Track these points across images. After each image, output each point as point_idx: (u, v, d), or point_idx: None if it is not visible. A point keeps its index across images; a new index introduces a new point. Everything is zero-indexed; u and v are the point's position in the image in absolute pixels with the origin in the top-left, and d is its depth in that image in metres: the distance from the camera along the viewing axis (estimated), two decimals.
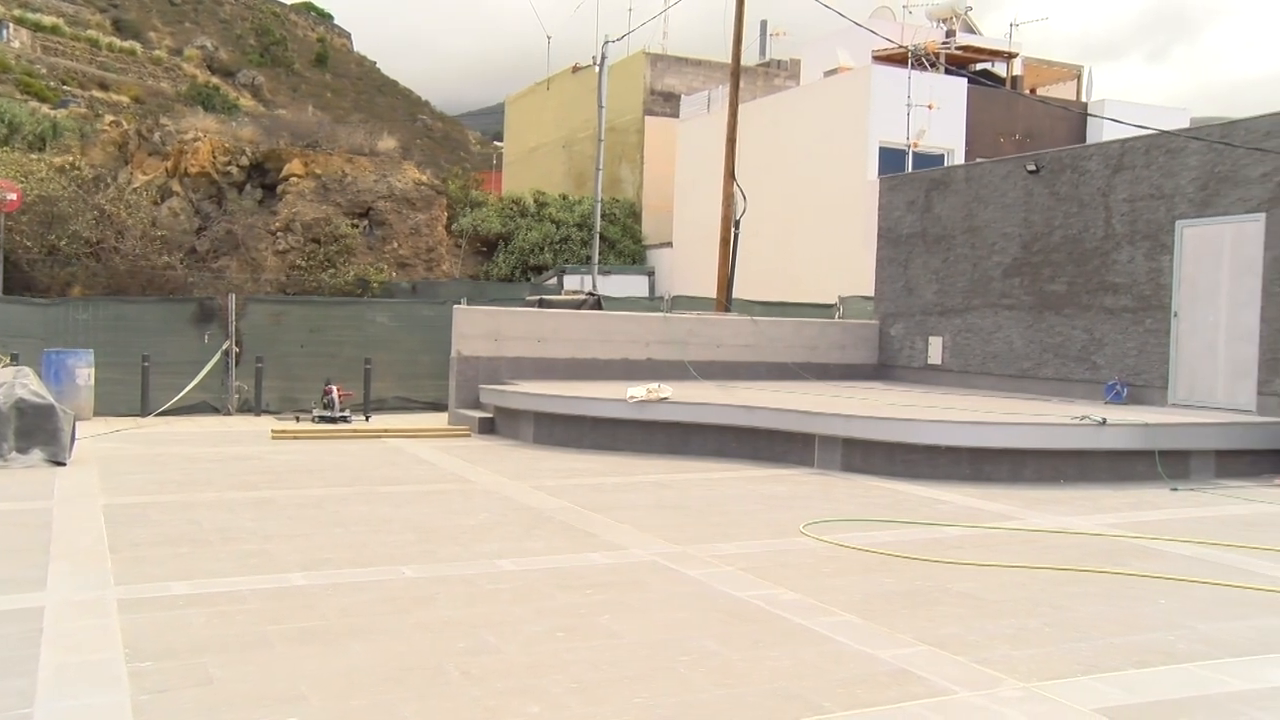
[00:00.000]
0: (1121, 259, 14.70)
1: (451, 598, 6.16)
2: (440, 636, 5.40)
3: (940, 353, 17.67)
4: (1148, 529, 8.83)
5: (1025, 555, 7.71)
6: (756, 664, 5.10)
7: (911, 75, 24.54)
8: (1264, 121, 13.16)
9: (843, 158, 25.19)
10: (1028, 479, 11.27)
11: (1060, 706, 4.61)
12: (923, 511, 9.37)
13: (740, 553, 7.50)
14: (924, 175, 18.99)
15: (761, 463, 12.29)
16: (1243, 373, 13.13)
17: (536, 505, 9.29)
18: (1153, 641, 5.61)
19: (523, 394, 14.14)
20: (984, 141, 25.38)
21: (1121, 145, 14.99)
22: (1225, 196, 13.41)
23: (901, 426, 11.59)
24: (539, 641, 5.36)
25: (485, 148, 74.41)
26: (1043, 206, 15.96)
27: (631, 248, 35.20)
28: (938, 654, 5.28)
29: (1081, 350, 15.26)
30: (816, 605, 6.14)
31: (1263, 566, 7.52)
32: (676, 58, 37.64)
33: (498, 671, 4.90)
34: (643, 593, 6.40)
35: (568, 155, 40.03)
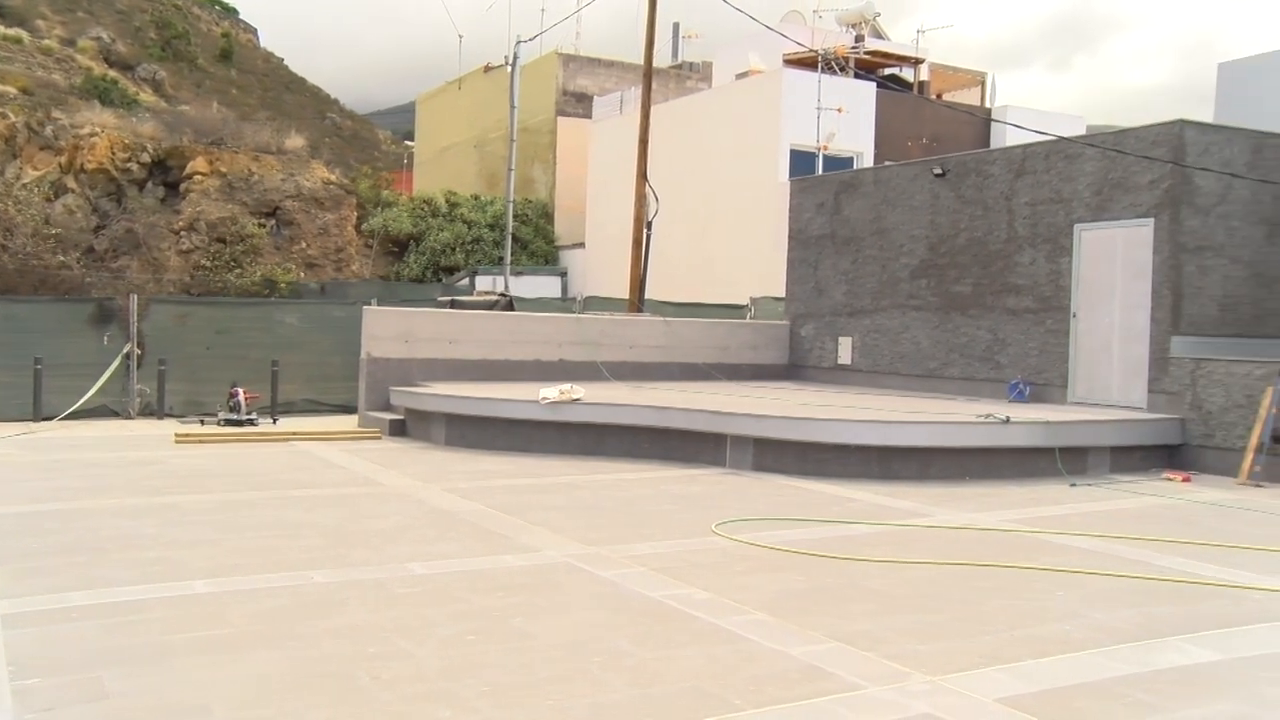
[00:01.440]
0: (1024, 261, 15.11)
1: (363, 602, 6.07)
2: (351, 642, 5.32)
3: (850, 353, 17.96)
4: (1048, 524, 9.09)
5: (933, 551, 7.87)
6: (669, 663, 5.12)
7: (821, 79, 24.88)
8: (1152, 130, 13.64)
9: (754, 160, 25.44)
10: (935, 476, 11.51)
11: (964, 698, 4.72)
12: (833, 510, 9.52)
13: (653, 553, 7.53)
14: (834, 178, 19.28)
15: (674, 463, 12.35)
16: (1135, 371, 13.58)
17: (449, 508, 9.21)
18: (1051, 632, 5.78)
19: (434, 395, 14.00)
20: (892, 145, 25.85)
21: (1023, 150, 15.40)
22: (1118, 201, 13.87)
23: (812, 426, 11.75)
24: (451, 645, 5.32)
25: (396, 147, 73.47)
26: (949, 209, 16.32)
27: (544, 248, 35.09)
28: (847, 650, 5.36)
29: (986, 350, 15.64)
30: (729, 604, 6.19)
31: (1152, 557, 7.80)
32: (589, 58, 37.64)
33: (409, 676, 4.85)
34: (556, 594, 6.39)
35: (480, 155, 39.76)
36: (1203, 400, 12.73)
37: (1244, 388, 12.32)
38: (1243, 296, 13.78)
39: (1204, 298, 13.44)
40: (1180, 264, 13.23)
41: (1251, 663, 5.39)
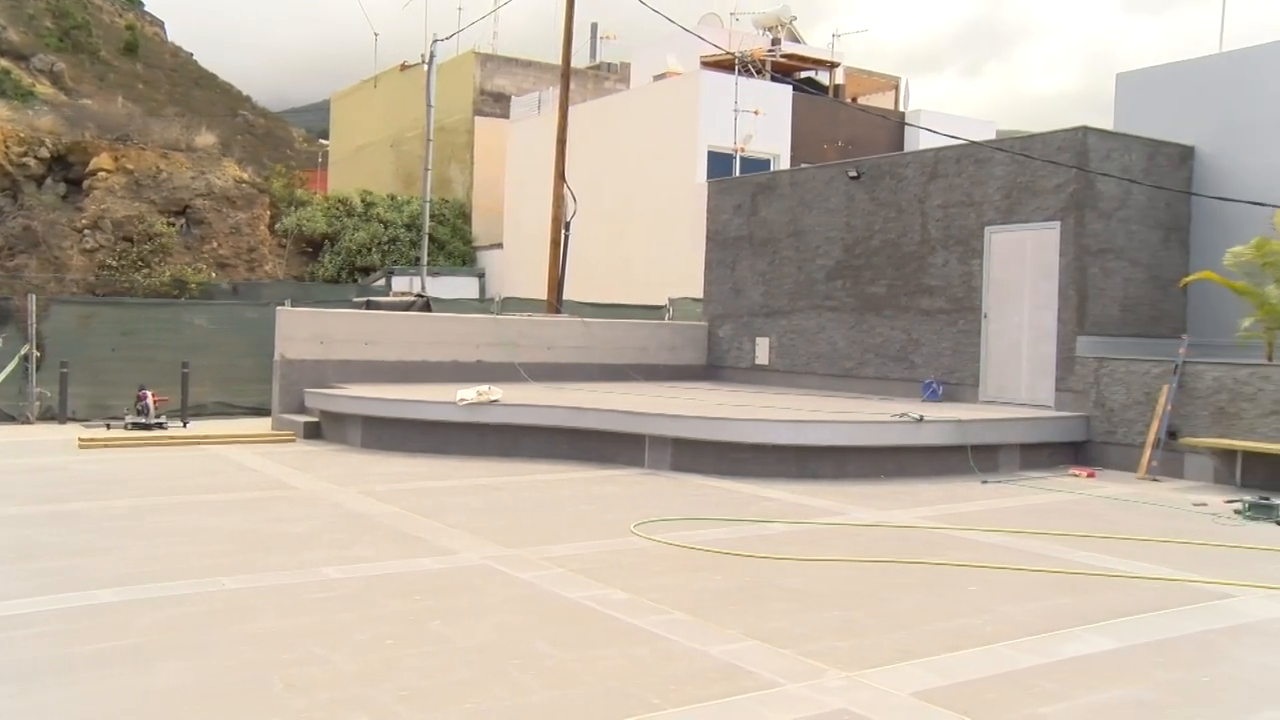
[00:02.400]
0: (936, 263, 15.41)
1: (276, 608, 5.95)
2: (264, 649, 5.21)
3: (767, 353, 18.13)
4: (961, 520, 9.28)
5: (849, 549, 7.98)
6: (588, 664, 5.12)
7: (739, 81, 25.09)
8: (1057, 136, 14.02)
9: (672, 161, 25.54)
10: (851, 475, 11.67)
11: (880, 693, 4.79)
12: (751, 509, 9.59)
13: (572, 554, 7.51)
14: (751, 179, 19.45)
15: (593, 464, 12.34)
16: (1043, 371, 13.94)
17: (365, 511, 9.08)
18: (964, 626, 5.90)
19: (350, 397, 13.80)
20: (808, 147, 26.16)
21: (936, 154, 15.71)
22: (1026, 205, 14.22)
23: (730, 426, 11.84)
24: (368, 649, 5.24)
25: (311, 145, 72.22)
26: (864, 211, 16.57)
27: (461, 249, 34.82)
28: (765, 648, 5.41)
29: (900, 350, 15.91)
30: (647, 604, 6.20)
31: (1058, 551, 8.01)
32: (507, 58, 37.46)
33: (325, 682, 4.77)
34: (474, 597, 6.34)
35: (396, 155, 39.31)
36: (1106, 398, 13.11)
37: (1143, 386, 12.72)
38: (1142, 298, 14.23)
39: (1106, 299, 13.85)
40: (1085, 266, 13.61)
41: (1147, 649, 5.57)
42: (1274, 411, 11.59)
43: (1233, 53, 15.13)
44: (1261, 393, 11.74)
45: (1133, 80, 15.95)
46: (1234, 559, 7.99)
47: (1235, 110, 14.60)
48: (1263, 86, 14.39)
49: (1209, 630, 5.98)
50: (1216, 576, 7.29)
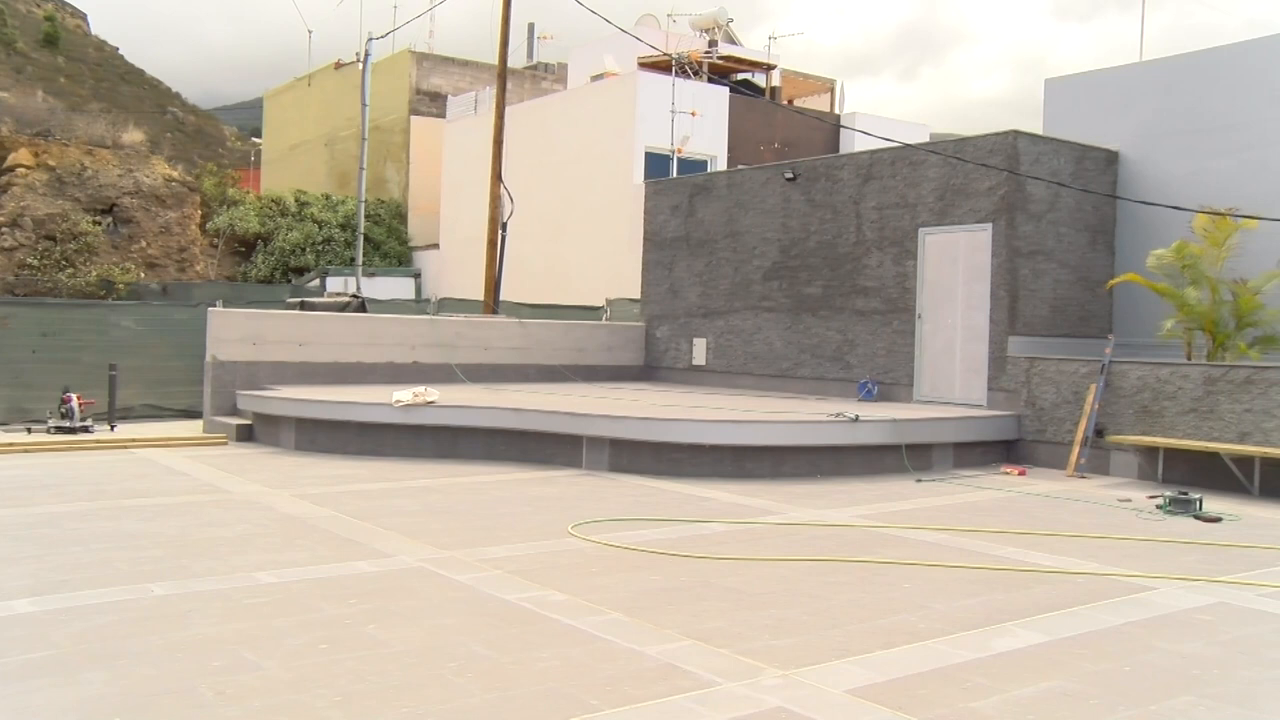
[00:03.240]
0: (871, 264, 15.58)
1: (206, 615, 5.85)
2: (193, 657, 5.12)
3: (704, 354, 18.21)
4: (896, 518, 9.40)
5: (786, 548, 8.04)
6: (525, 666, 5.10)
7: (676, 83, 25.15)
8: (989, 140, 14.27)
9: (610, 162, 25.54)
10: (787, 474, 11.76)
11: (816, 690, 4.83)
12: (688, 509, 9.63)
13: (509, 555, 7.48)
14: (688, 180, 19.52)
15: (530, 465, 12.30)
16: (976, 370, 14.17)
17: (299, 514, 8.95)
18: (899, 623, 5.97)
19: (283, 399, 13.60)
20: (745, 149, 26.31)
21: (870, 156, 15.89)
22: (959, 207, 14.45)
23: (667, 427, 11.87)
24: (301, 655, 5.17)
25: (243, 144, 71.01)
26: (800, 213, 16.71)
27: (397, 249, 34.49)
28: (703, 647, 5.43)
29: (836, 350, 16.07)
30: (585, 605, 6.19)
31: (990, 548, 8.15)
32: (443, 58, 37.17)
33: (256, 689, 4.69)
34: (410, 600, 6.28)
35: (331, 154, 38.83)
36: (1036, 397, 13.36)
37: (1072, 385, 12.98)
38: (1070, 298, 14.52)
39: (1037, 299, 14.12)
40: (1016, 267, 13.86)
41: (1074, 642, 5.69)
42: (1192, 409, 11.90)
43: (1154, 61, 15.52)
44: (1181, 391, 12.04)
45: (1060, 86, 16.28)
46: (1155, 553, 8.19)
47: (1157, 116, 14.97)
48: (1182, 95, 14.78)
49: (1131, 622, 6.13)
50: (1138, 570, 7.47)
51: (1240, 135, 14.12)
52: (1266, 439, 11.33)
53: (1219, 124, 14.35)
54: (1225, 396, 11.69)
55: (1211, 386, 11.82)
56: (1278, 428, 11.25)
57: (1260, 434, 11.38)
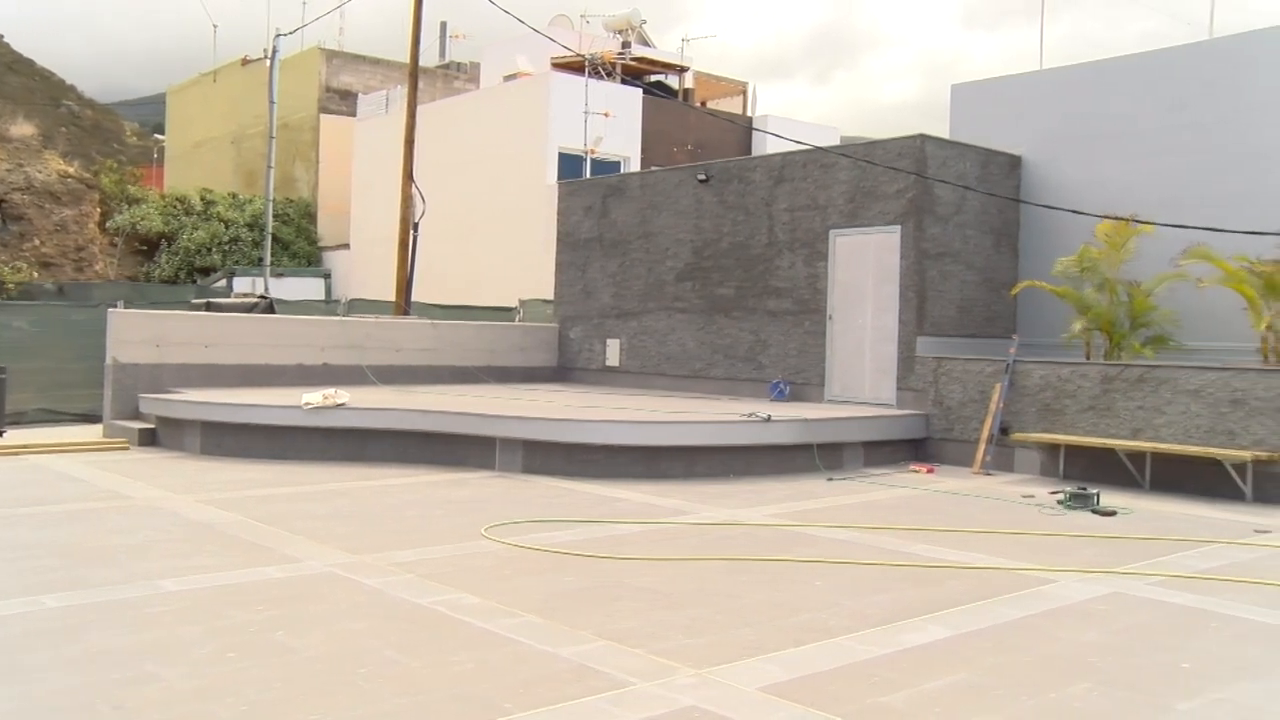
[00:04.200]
0: (783, 265, 15.76)
1: (106, 625, 5.67)
2: (91, 670, 4.95)
3: (618, 354, 18.23)
4: (808, 517, 9.51)
5: (699, 548, 8.09)
6: (438, 670, 5.05)
7: (589, 84, 25.16)
8: (897, 143, 14.54)
9: (523, 162, 25.44)
10: (700, 474, 11.83)
11: (729, 689, 4.87)
12: (602, 510, 9.63)
13: (421, 559, 7.40)
14: (601, 181, 19.53)
15: (442, 467, 12.18)
16: (885, 370, 14.42)
17: (204, 520, 8.74)
18: (810, 621, 6.05)
19: (188, 402, 13.27)
20: (658, 150, 26.42)
21: (782, 158, 16.07)
22: (869, 209, 14.69)
23: (580, 428, 11.86)
24: (207, 664, 5.04)
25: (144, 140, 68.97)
26: (712, 214, 16.83)
27: (306, 249, 33.92)
28: (617, 648, 5.43)
29: (748, 351, 16.22)
30: (498, 608, 6.15)
31: (899, 545, 8.30)
32: (353, 55, 36.64)
33: (158, 701, 4.56)
34: (320, 605, 6.18)
35: (237, 152, 38.00)
36: (944, 396, 13.65)
37: (978, 384, 13.29)
38: (976, 299, 14.87)
39: (944, 301, 14.42)
40: (924, 269, 14.14)
41: (979, 635, 5.83)
42: (1091, 407, 12.27)
43: (1055, 69, 15.97)
44: (1081, 390, 12.41)
45: (966, 91, 16.67)
46: (1056, 546, 8.43)
47: (1057, 123, 15.41)
48: (1081, 102, 15.24)
49: (1032, 614, 6.30)
50: (1040, 564, 7.68)
51: (1135, 143, 14.60)
52: (1157, 435, 11.73)
53: (1115, 131, 14.82)
54: (1120, 395, 12.08)
55: (1108, 385, 12.21)
56: (1167, 424, 11.66)
57: (1151, 430, 11.79)
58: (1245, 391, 11.17)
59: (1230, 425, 11.24)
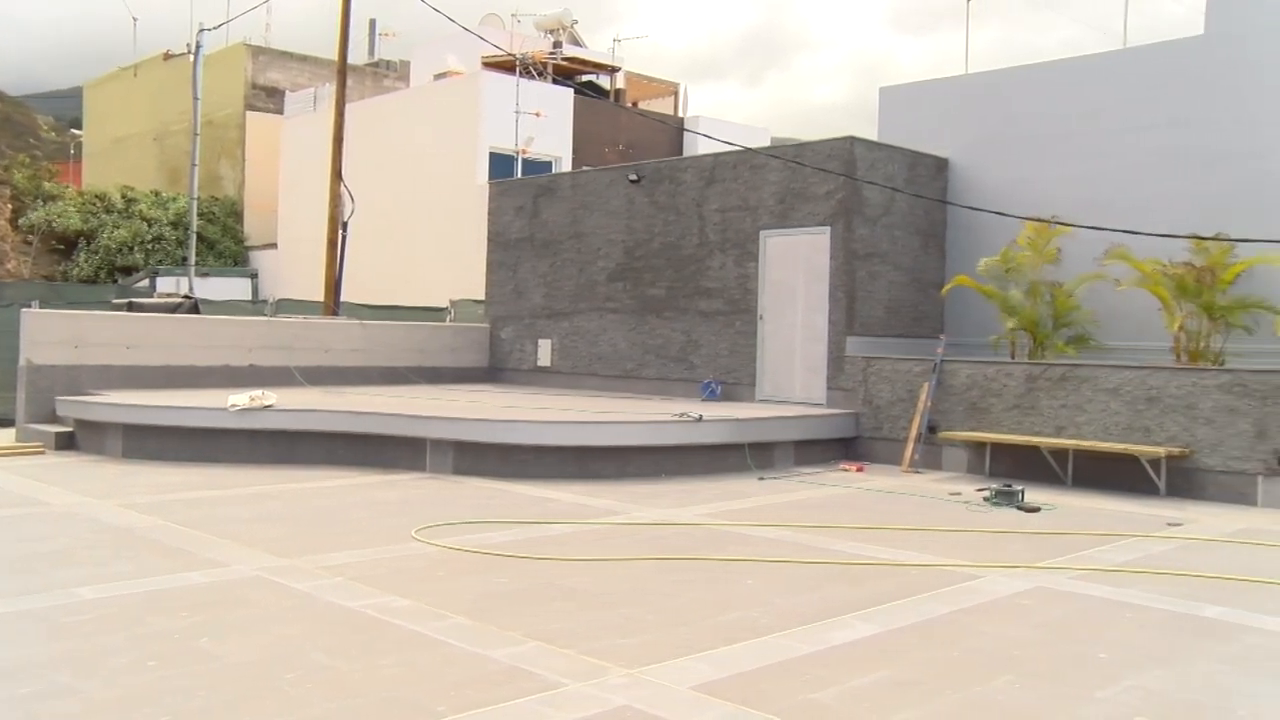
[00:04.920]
0: (714, 265, 15.84)
1: (17, 637, 5.51)
2: (1, 685, 4.81)
3: (549, 355, 18.18)
4: (739, 516, 9.57)
5: (631, 548, 8.10)
6: (368, 674, 4.99)
7: (520, 83, 25.06)
8: (827, 145, 14.70)
9: (454, 161, 25.25)
10: (632, 475, 11.85)
11: (661, 688, 4.88)
12: (533, 511, 9.60)
13: (350, 562, 7.31)
14: (532, 181, 19.47)
15: (373, 468, 12.05)
16: (815, 370, 14.57)
17: (126, 525, 8.54)
18: (741, 619, 6.09)
19: (109, 405, 12.96)
20: (589, 150, 26.40)
21: (713, 159, 16.16)
22: (799, 210, 14.83)
23: (511, 428, 11.81)
24: (126, 674, 4.92)
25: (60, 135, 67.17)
26: (644, 215, 16.86)
27: (233, 249, 33.31)
28: (548, 649, 5.41)
29: (680, 351, 16.28)
30: (429, 610, 6.10)
31: (829, 543, 8.39)
32: (280, 52, 36.06)
33: (75, 713, 4.44)
34: (245, 610, 6.07)
35: (160, 149, 37.19)
36: (873, 395, 13.83)
37: (906, 383, 13.48)
38: (904, 300, 15.09)
39: (873, 301, 14.61)
40: (853, 270, 14.31)
41: (907, 631, 5.91)
42: (1016, 406, 12.52)
43: (981, 74, 16.26)
44: (1006, 389, 12.66)
45: (894, 94, 16.90)
46: (982, 543, 8.59)
47: (983, 126, 15.70)
48: (1006, 106, 15.53)
49: (958, 610, 6.41)
50: (967, 560, 7.82)
51: (1057, 147, 14.92)
52: (1079, 432, 12.01)
53: (1038, 135, 15.14)
54: (1044, 393, 12.34)
55: (1032, 384, 12.46)
56: (1089, 421, 11.94)
57: (1074, 427, 12.06)
58: (1159, 389, 11.48)
59: (1146, 422, 11.55)
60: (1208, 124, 13.71)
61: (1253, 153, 13.32)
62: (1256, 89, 13.42)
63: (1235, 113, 13.55)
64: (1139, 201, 13.88)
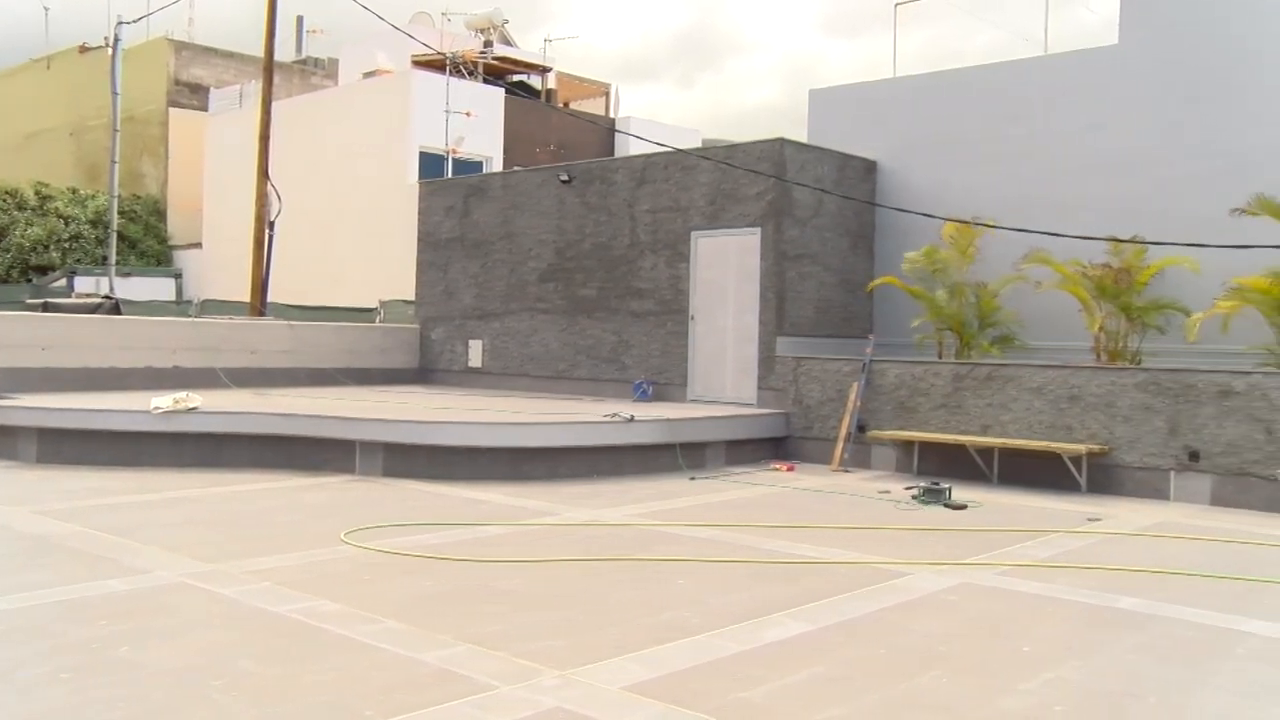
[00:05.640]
0: (646, 266, 15.88)
1: None
2: None
3: (480, 356, 18.09)
4: (671, 516, 9.61)
5: (563, 549, 8.08)
6: (296, 680, 4.92)
7: (450, 83, 24.88)
8: (757, 146, 14.82)
9: (384, 161, 24.99)
10: (565, 476, 11.82)
11: (593, 689, 4.88)
12: (465, 512, 9.53)
13: (278, 566, 7.19)
14: (463, 181, 19.35)
15: (301, 471, 11.87)
16: (746, 370, 14.67)
17: (41, 532, 8.31)
18: (673, 619, 6.11)
19: (22, 408, 12.59)
20: (521, 150, 26.30)
21: (645, 160, 16.19)
22: (730, 211, 14.93)
23: (441, 430, 11.72)
24: (41, 687, 4.79)
25: None
26: (575, 215, 16.85)
27: (156, 248, 32.60)
28: (480, 651, 5.38)
29: (612, 351, 16.29)
30: (358, 614, 6.03)
31: (760, 542, 8.46)
32: (205, 47, 35.38)
33: None
34: (169, 618, 5.94)
35: (78, 144, 36.26)
36: (803, 395, 13.97)
37: (836, 383, 13.64)
38: (834, 300, 15.27)
39: (803, 301, 14.76)
40: (783, 270, 14.44)
41: (837, 629, 5.99)
42: (943, 405, 12.74)
43: (907, 78, 16.51)
44: (933, 388, 12.87)
45: (823, 97, 17.09)
46: (910, 540, 8.72)
47: (910, 129, 15.94)
48: (932, 109, 15.80)
49: (887, 607, 6.50)
50: (894, 558, 7.93)
51: (981, 149, 15.21)
52: (1004, 430, 12.25)
53: (963, 139, 15.41)
54: (970, 392, 12.57)
55: (959, 383, 12.69)
56: (1014, 420, 12.18)
57: (999, 426, 12.30)
58: (1080, 388, 11.76)
59: (1069, 420, 11.82)
60: (1120, 130, 14.08)
61: (1162, 159, 13.71)
62: (1166, 96, 13.80)
63: (1146, 119, 13.93)
64: (1058, 204, 14.20)
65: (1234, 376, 10.91)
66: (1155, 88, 13.92)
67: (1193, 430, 11.04)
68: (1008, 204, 14.44)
